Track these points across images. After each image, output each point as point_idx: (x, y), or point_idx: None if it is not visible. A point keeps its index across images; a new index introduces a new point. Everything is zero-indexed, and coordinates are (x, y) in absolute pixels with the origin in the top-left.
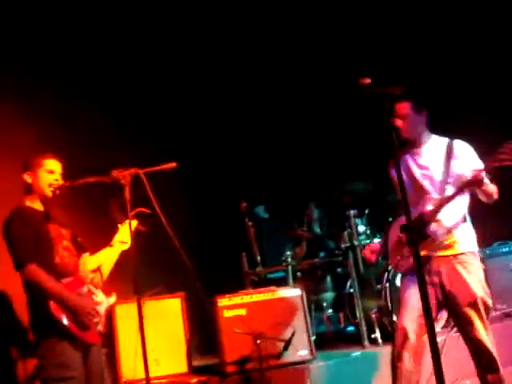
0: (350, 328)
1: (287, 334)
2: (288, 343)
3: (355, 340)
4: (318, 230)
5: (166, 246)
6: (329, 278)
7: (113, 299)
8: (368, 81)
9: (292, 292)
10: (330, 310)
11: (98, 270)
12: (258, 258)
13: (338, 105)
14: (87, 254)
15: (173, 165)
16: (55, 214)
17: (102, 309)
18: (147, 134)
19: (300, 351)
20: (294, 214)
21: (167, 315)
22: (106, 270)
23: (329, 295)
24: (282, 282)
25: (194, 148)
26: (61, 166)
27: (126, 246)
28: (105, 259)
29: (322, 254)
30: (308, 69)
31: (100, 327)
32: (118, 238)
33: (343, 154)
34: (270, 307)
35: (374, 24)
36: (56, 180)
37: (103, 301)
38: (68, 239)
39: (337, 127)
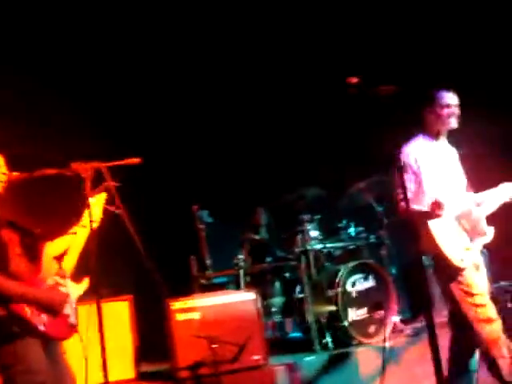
0: (296, 334)
1: (242, 339)
2: (242, 347)
3: (303, 346)
4: (265, 234)
5: (115, 245)
6: (278, 283)
7: (84, 285)
8: (355, 80)
9: (246, 296)
10: (279, 316)
11: (61, 258)
12: (208, 261)
13: (293, 106)
14: (48, 242)
15: (137, 160)
16: (4, 215)
17: (72, 299)
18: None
19: (254, 356)
20: (238, 218)
21: (114, 319)
22: (73, 257)
23: (278, 300)
24: (226, 287)
25: (146, 147)
26: (2, 158)
27: (87, 230)
28: (68, 245)
29: (268, 259)
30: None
31: (72, 319)
32: (82, 222)
33: (292, 158)
34: (224, 311)
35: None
36: (4, 174)
37: (73, 290)
38: (18, 244)
39: (289, 130)
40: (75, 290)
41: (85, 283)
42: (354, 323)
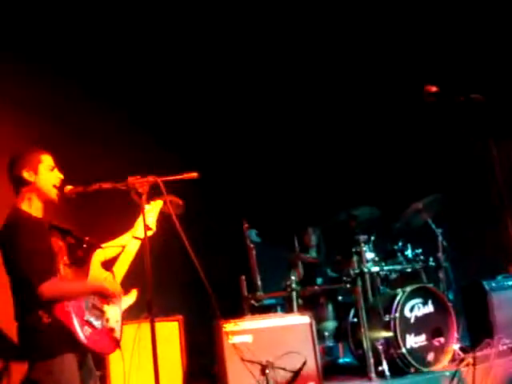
0: (346, 359)
1: (296, 364)
2: (297, 374)
3: (356, 372)
4: (315, 256)
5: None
6: (330, 307)
7: (132, 297)
8: (434, 89)
9: (301, 319)
10: (331, 340)
11: (110, 268)
12: (259, 282)
13: (347, 124)
14: (98, 249)
15: (194, 175)
16: (54, 222)
17: (117, 312)
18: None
19: (309, 383)
20: (286, 239)
21: (163, 340)
22: (122, 268)
23: (330, 324)
24: (274, 309)
25: (197, 162)
26: (51, 157)
27: (138, 242)
28: (116, 253)
29: (319, 281)
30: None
31: (117, 334)
32: (132, 232)
33: (344, 176)
34: (277, 334)
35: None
36: (59, 178)
37: (119, 303)
38: (66, 253)
39: (341, 147)
40: (123, 302)
41: (133, 295)
42: (412, 350)
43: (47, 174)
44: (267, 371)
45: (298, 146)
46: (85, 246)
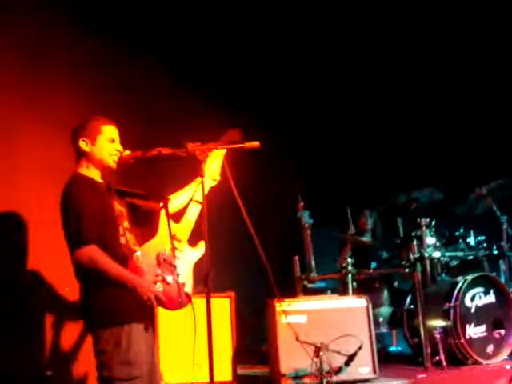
0: (397, 348)
1: (351, 348)
2: (351, 358)
3: (409, 361)
4: (370, 239)
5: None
6: (386, 292)
7: (200, 249)
8: None
9: (357, 302)
10: (385, 327)
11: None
12: (313, 262)
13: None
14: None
15: (256, 144)
16: (114, 185)
17: (187, 265)
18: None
19: (361, 368)
20: (340, 221)
21: (213, 315)
22: (187, 225)
23: (385, 310)
24: (324, 293)
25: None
26: (117, 130)
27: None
28: (184, 204)
29: (373, 265)
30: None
31: (188, 288)
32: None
33: (404, 156)
34: (332, 316)
35: None
36: (117, 150)
37: (190, 255)
38: (127, 218)
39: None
40: (192, 254)
41: (201, 247)
42: (471, 341)
43: (105, 145)
44: (321, 353)
45: (358, 125)
46: (151, 201)
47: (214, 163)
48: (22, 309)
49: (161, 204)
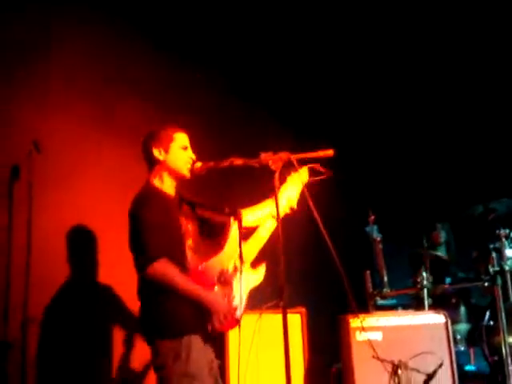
0: (472, 367)
1: (429, 366)
2: (431, 377)
3: (489, 381)
4: (444, 253)
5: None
6: (463, 308)
7: (261, 273)
8: None
9: (435, 318)
10: (463, 344)
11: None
12: (385, 278)
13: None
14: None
15: (330, 152)
16: (187, 197)
17: (243, 289)
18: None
19: None
20: (410, 236)
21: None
22: (256, 244)
23: (462, 327)
24: (396, 309)
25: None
26: (187, 136)
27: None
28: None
29: (448, 281)
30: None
31: (239, 313)
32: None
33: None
34: (409, 333)
35: None
36: (191, 158)
37: (250, 278)
38: (192, 236)
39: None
40: (251, 277)
41: (261, 272)
42: None
43: (178, 153)
44: (399, 371)
45: (429, 135)
46: (223, 214)
47: (293, 188)
48: (93, 324)
49: (232, 218)
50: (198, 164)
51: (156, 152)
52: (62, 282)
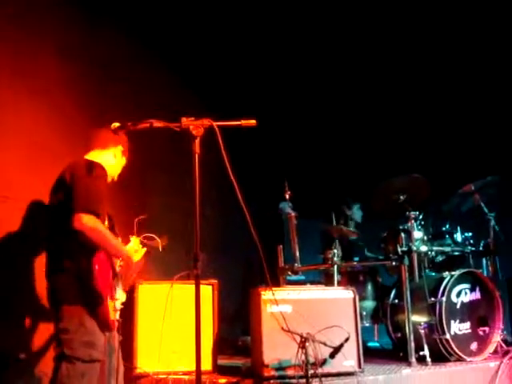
0: (375, 343)
1: (336, 339)
2: (337, 350)
3: (392, 356)
4: (354, 230)
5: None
6: (370, 285)
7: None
8: None
9: (344, 294)
10: (368, 321)
11: None
12: (297, 253)
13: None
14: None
15: (253, 122)
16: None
17: (123, 296)
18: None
19: (346, 361)
20: (322, 213)
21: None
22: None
23: (369, 304)
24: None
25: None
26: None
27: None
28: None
29: (356, 259)
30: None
31: (117, 315)
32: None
33: (387, 147)
34: (318, 307)
35: None
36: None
37: (121, 296)
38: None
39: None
40: (122, 296)
41: (123, 297)
42: (455, 337)
43: (121, 159)
44: (307, 344)
45: (340, 118)
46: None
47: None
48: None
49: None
50: (115, 124)
51: (116, 152)
52: None
